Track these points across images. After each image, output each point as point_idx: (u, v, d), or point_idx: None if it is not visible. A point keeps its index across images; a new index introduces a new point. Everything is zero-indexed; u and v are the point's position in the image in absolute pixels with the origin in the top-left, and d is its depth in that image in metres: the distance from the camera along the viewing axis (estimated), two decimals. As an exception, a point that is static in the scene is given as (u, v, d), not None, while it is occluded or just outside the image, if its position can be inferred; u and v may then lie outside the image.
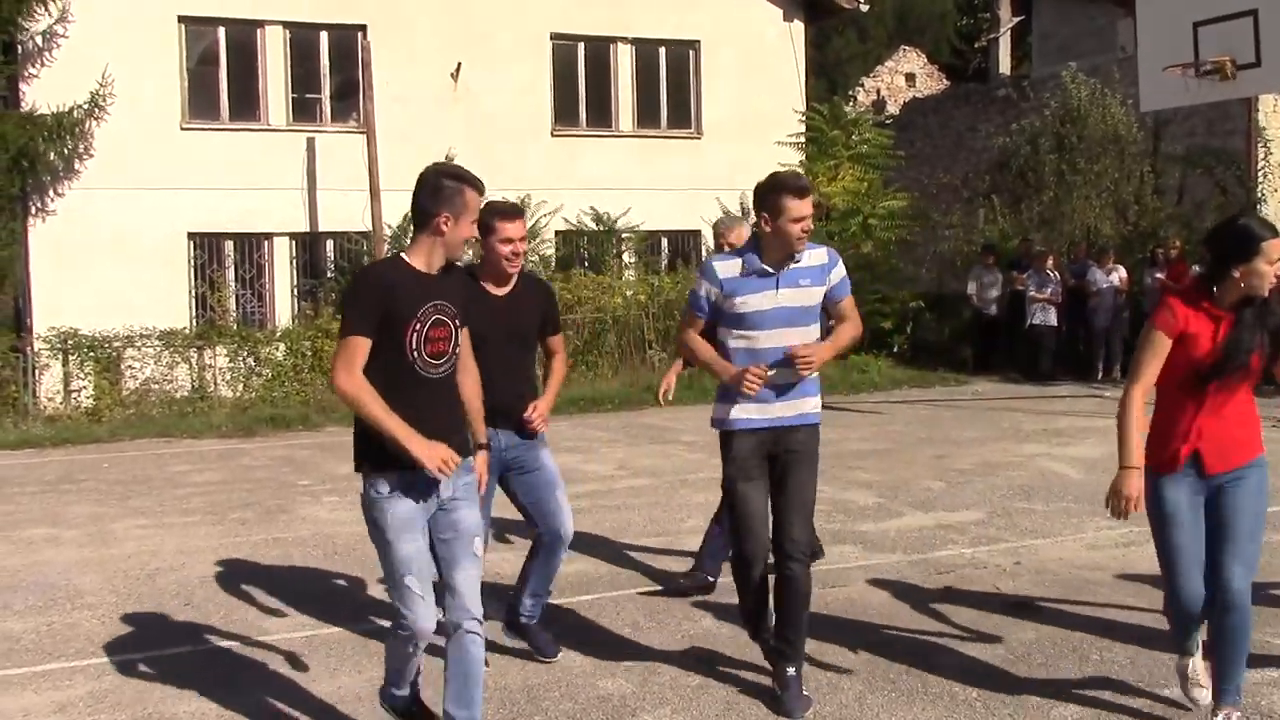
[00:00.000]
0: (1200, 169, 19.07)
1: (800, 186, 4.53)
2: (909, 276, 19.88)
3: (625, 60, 19.00)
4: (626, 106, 19.04)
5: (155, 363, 15.01)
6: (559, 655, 5.20)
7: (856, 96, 32.91)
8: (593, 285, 16.97)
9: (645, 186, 18.22)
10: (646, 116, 19.16)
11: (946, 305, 19.33)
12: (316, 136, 17.12)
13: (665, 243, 18.96)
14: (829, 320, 4.84)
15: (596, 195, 18.10)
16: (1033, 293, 16.86)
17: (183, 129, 16.57)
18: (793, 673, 4.66)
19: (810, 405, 4.65)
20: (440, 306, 3.89)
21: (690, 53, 19.25)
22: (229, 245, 17.02)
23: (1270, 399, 9.22)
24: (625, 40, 18.90)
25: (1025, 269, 17.25)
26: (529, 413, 4.97)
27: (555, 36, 18.39)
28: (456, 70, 17.61)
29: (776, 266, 4.53)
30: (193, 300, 16.63)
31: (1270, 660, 4.99)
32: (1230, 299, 4.08)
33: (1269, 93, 16.60)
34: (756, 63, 19.23)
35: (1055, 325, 16.89)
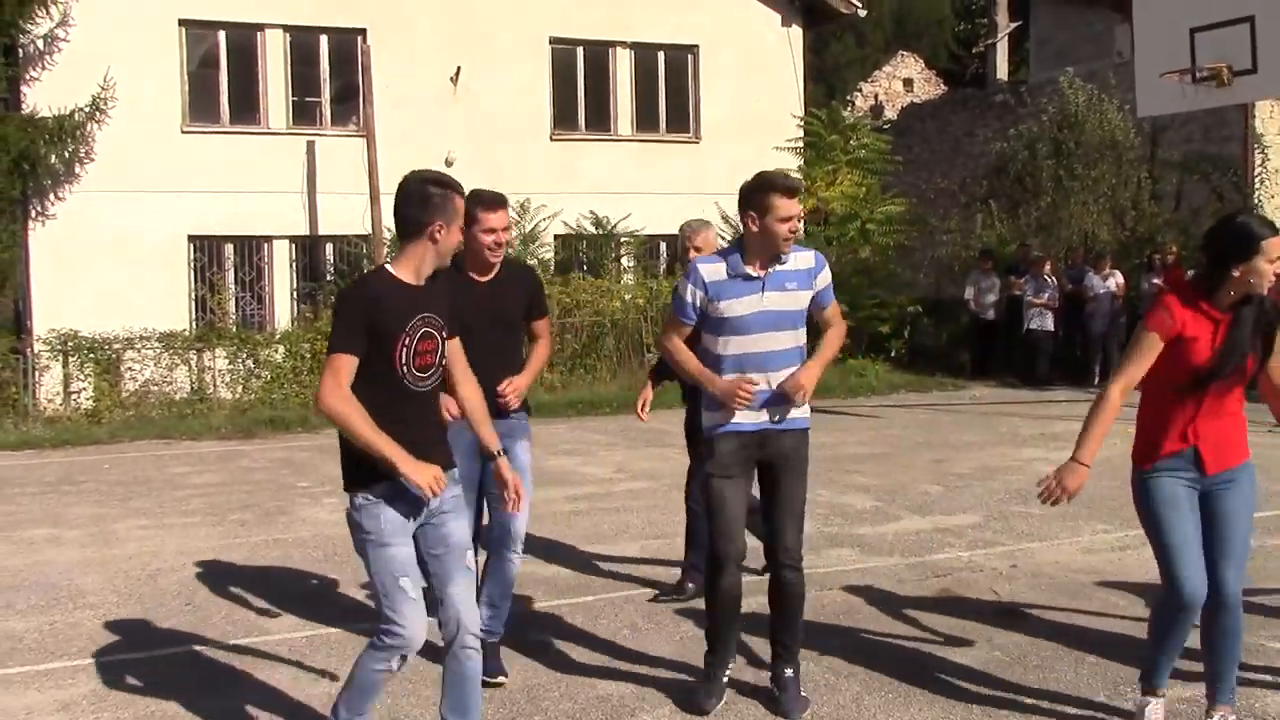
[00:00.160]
0: (1197, 175, 19.13)
1: (789, 185, 4.45)
2: (907, 281, 19.93)
3: (624, 64, 19.06)
4: (625, 110, 19.10)
5: (155, 365, 15.06)
6: (503, 679, 4.94)
7: (854, 101, 33.00)
8: (591, 289, 17.03)
9: (644, 190, 18.27)
10: (645, 120, 19.22)
11: (944, 310, 19.38)
12: (316, 140, 17.17)
13: (664, 247, 19.01)
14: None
15: (595, 199, 18.15)
16: (1030, 298, 16.91)
17: (183, 132, 16.63)
18: (790, 674, 4.69)
19: (800, 410, 4.59)
20: (428, 319, 3.84)
21: (689, 57, 19.31)
22: (229, 248, 17.07)
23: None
24: (624, 44, 18.96)
25: (1023, 274, 17.31)
26: (502, 386, 4.81)
27: (554, 40, 18.45)
28: (456, 74, 17.66)
29: (762, 269, 4.46)
30: (192, 302, 16.68)
31: (1265, 665, 5.04)
32: (1229, 299, 4.06)
33: (1265, 99, 16.67)
34: (755, 67, 19.29)
35: (1052, 330, 16.95)
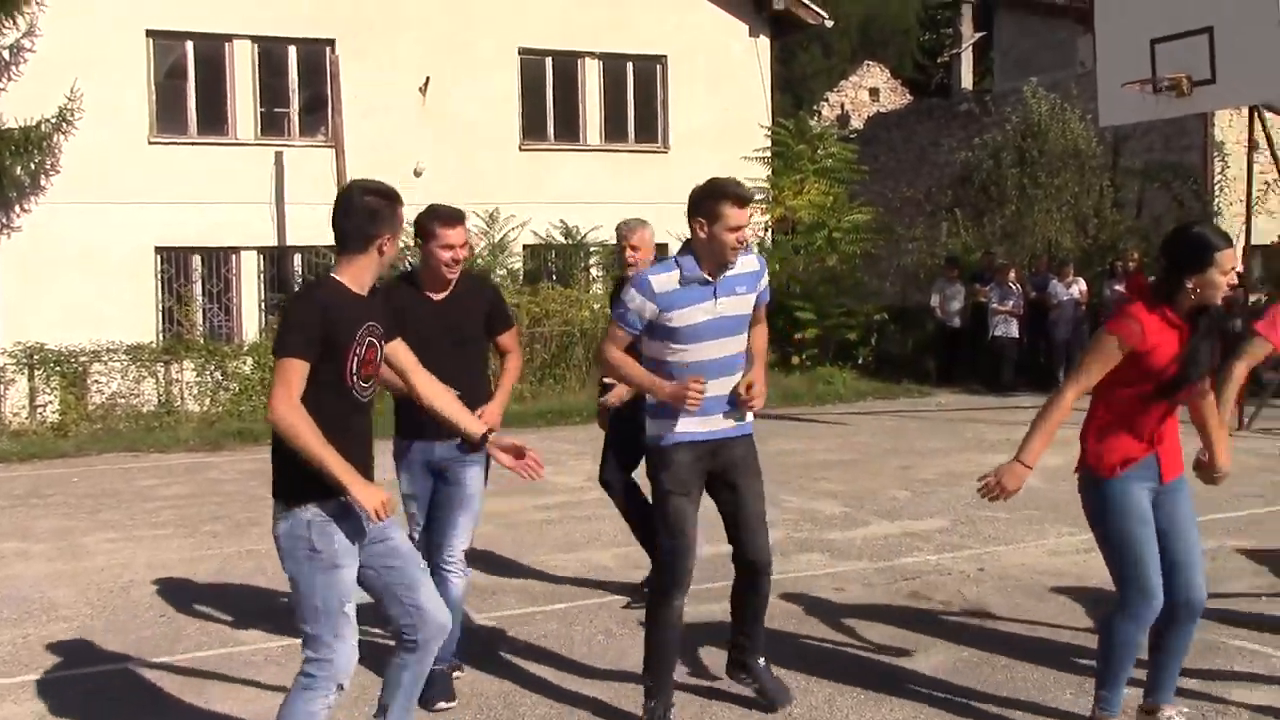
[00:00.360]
0: (1158, 183, 19.42)
1: (740, 195, 4.38)
2: (873, 289, 20.10)
3: (593, 75, 19.16)
4: (594, 120, 19.19)
5: (122, 377, 14.96)
6: (446, 704, 4.80)
7: (821, 111, 33.25)
8: (560, 299, 17.07)
9: (613, 200, 18.28)
10: (614, 131, 19.31)
11: (910, 318, 19.54)
12: (285, 150, 17.15)
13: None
14: None
15: (564, 209, 18.21)
16: (995, 305, 17.10)
17: (150, 143, 16.58)
18: (763, 662, 4.75)
19: (746, 415, 4.55)
20: (372, 328, 3.78)
21: (657, 67, 19.42)
22: (196, 259, 17.01)
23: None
24: (593, 55, 19.05)
25: (987, 282, 17.50)
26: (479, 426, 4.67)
27: (523, 51, 18.51)
28: (425, 84, 17.69)
29: (713, 275, 4.40)
30: (160, 314, 16.60)
31: (1225, 661, 5.15)
32: (1185, 308, 4.08)
33: (1224, 108, 16.94)
34: (723, 77, 19.42)
35: (1017, 337, 17.14)
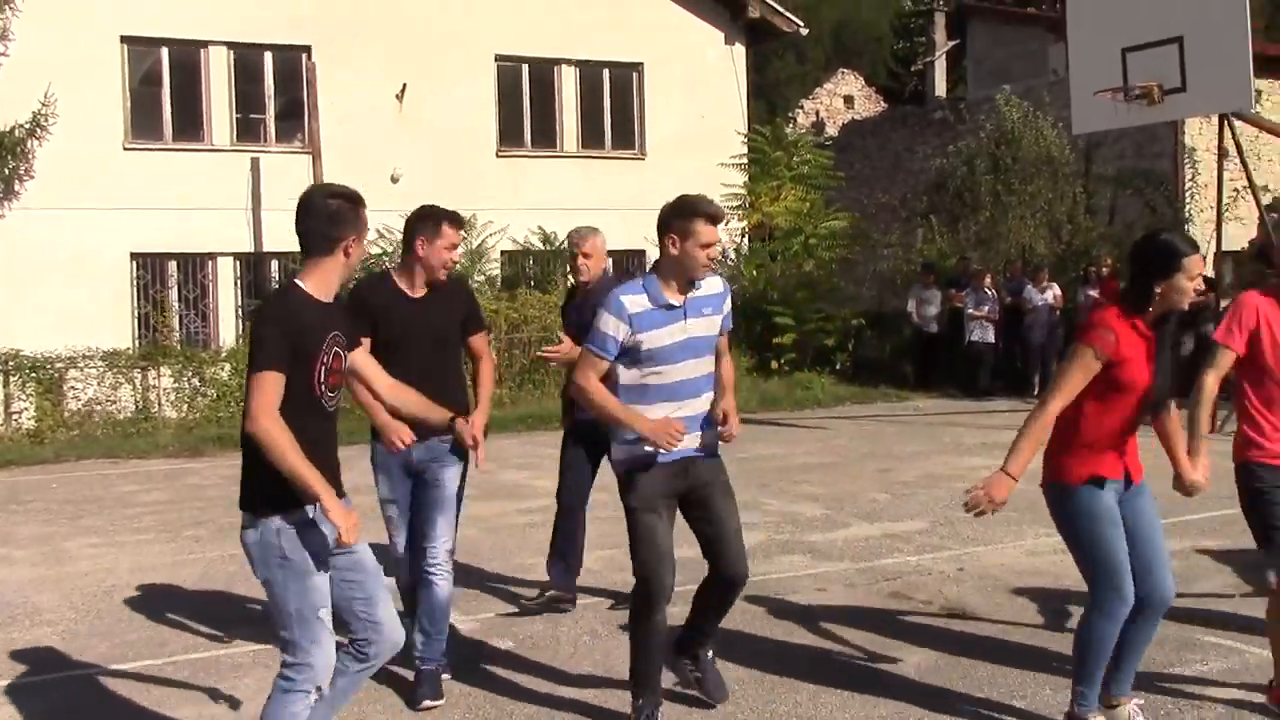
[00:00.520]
0: (1130, 189, 19.63)
1: (713, 213, 4.37)
2: (850, 295, 20.21)
3: (570, 81, 19.22)
4: (571, 127, 19.25)
5: (98, 384, 14.89)
6: (432, 702, 4.85)
7: (796, 118, 33.40)
8: (539, 304, 17.10)
9: (590, 207, 18.31)
10: (591, 137, 19.38)
11: (887, 323, 19.67)
12: (261, 156, 17.13)
13: (609, 262, 19.09)
14: None
15: (541, 215, 18.25)
16: (971, 310, 17.24)
17: (125, 149, 16.53)
18: (712, 654, 4.81)
19: (711, 436, 4.56)
20: (336, 337, 3.78)
21: (634, 74, 19.51)
22: (172, 265, 16.96)
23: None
24: (569, 62, 19.11)
25: (963, 287, 17.64)
26: (463, 430, 4.64)
27: (500, 58, 18.56)
28: (402, 91, 17.71)
29: (680, 295, 4.40)
30: (136, 321, 16.54)
31: (1201, 656, 5.25)
32: (1152, 316, 4.16)
33: (1195, 115, 17.15)
34: (699, 85, 19.53)
35: (993, 342, 17.28)
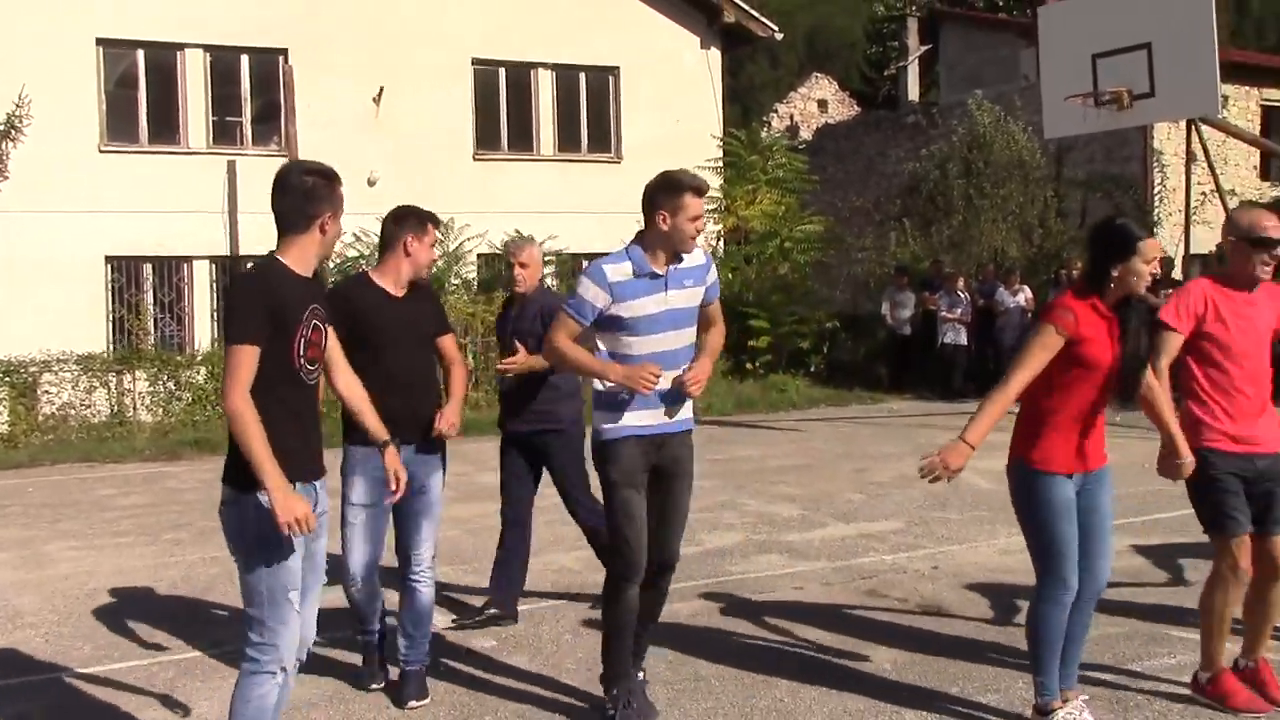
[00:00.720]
0: (1100, 193, 19.86)
1: (698, 185, 4.46)
2: (824, 298, 20.36)
3: (546, 85, 19.29)
4: (548, 131, 19.32)
5: (73, 387, 14.85)
6: (417, 701, 4.92)
7: (770, 122, 33.55)
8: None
9: (567, 210, 18.45)
10: (567, 141, 19.46)
11: (861, 326, 19.83)
12: (237, 159, 17.11)
13: (586, 265, 19.17)
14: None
15: (518, 219, 18.24)
16: (944, 313, 17.40)
17: (101, 151, 16.50)
18: (643, 676, 4.80)
19: (687, 410, 4.61)
20: (316, 310, 3.80)
21: (610, 78, 19.60)
22: (148, 268, 16.93)
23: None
24: (546, 66, 19.19)
25: (936, 290, 17.80)
26: (439, 423, 4.85)
27: (477, 61, 18.61)
28: (379, 95, 17.73)
29: (664, 268, 4.49)
30: (110, 324, 16.50)
31: (1168, 650, 5.38)
32: (1113, 298, 4.29)
33: (1163, 120, 17.39)
34: (675, 89, 19.63)
35: (966, 344, 17.45)
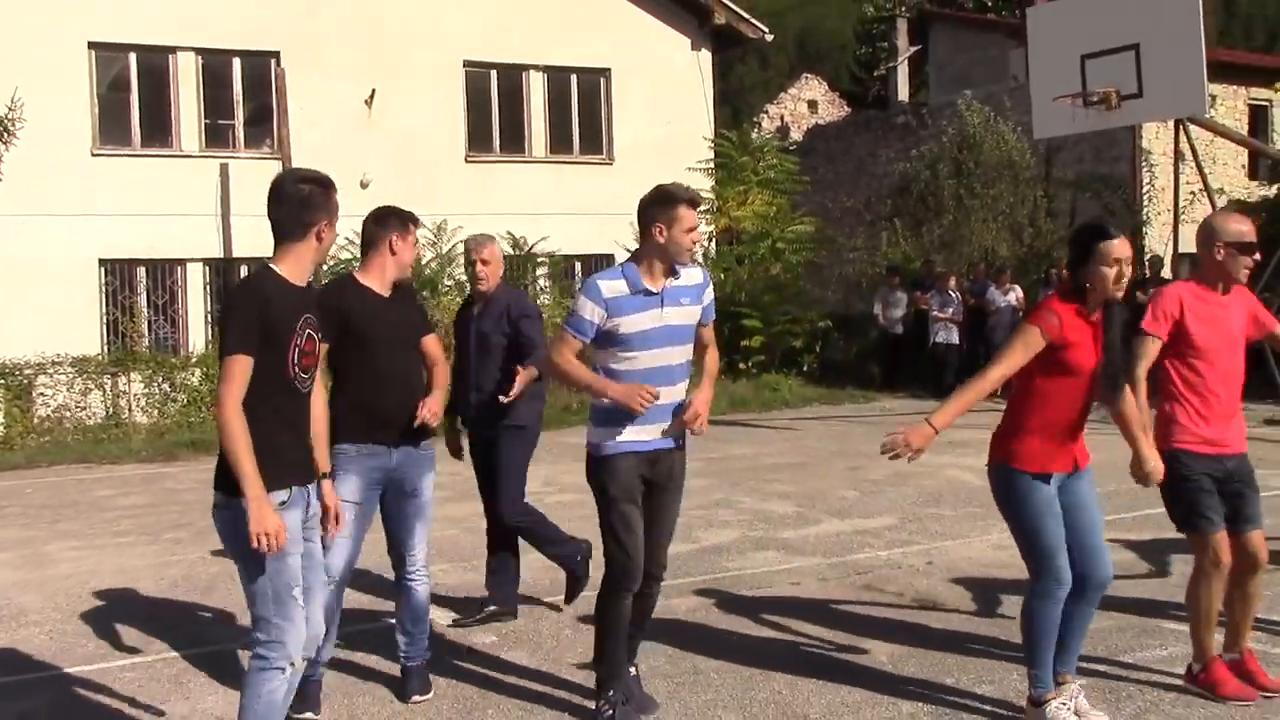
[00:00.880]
0: (1089, 193, 20.02)
1: (692, 197, 4.52)
2: (816, 298, 20.47)
3: (538, 87, 19.36)
4: (540, 132, 19.39)
5: (68, 389, 14.89)
6: (421, 696, 4.98)
7: (761, 123, 33.66)
8: (509, 308, 17.19)
9: (558, 211, 18.54)
10: (559, 143, 19.53)
11: (853, 325, 19.93)
12: (230, 162, 17.15)
13: (579, 266, 19.29)
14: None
15: (511, 220, 18.35)
16: (935, 312, 17.50)
17: (94, 155, 16.52)
18: (634, 671, 4.83)
19: (679, 425, 4.60)
20: (309, 320, 3.86)
21: (601, 80, 19.67)
22: (141, 271, 16.96)
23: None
24: (538, 68, 19.25)
25: (928, 289, 17.91)
26: (422, 411, 4.84)
27: (469, 63, 18.67)
28: (370, 97, 17.78)
29: (658, 284, 4.49)
30: (105, 327, 16.53)
31: (1160, 641, 5.46)
32: (1093, 303, 4.35)
33: (1151, 120, 17.51)
34: (666, 90, 19.71)
35: (957, 343, 17.55)
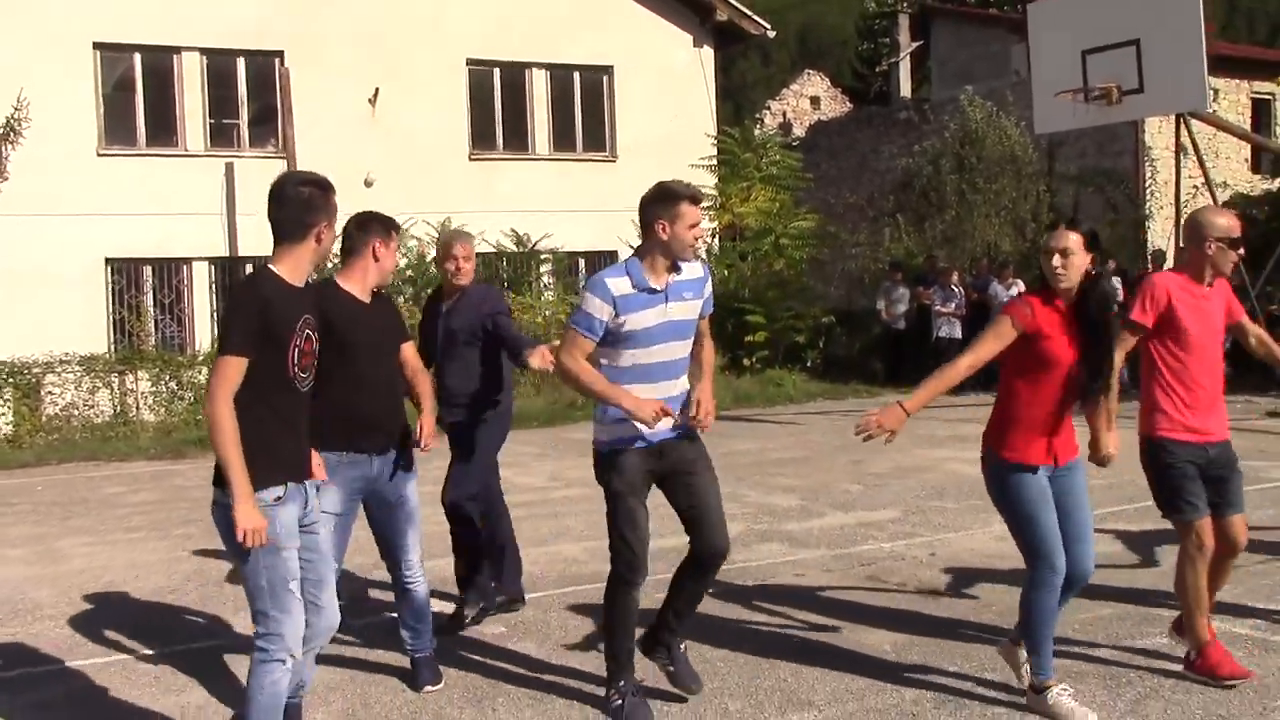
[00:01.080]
0: (1092, 187, 20.06)
1: (693, 194, 4.54)
2: (819, 294, 20.53)
3: (541, 85, 19.43)
4: (543, 130, 19.46)
5: (76, 388, 14.98)
6: (432, 686, 5.06)
7: (763, 119, 33.71)
8: (514, 305, 17.28)
9: (562, 209, 18.62)
10: (562, 140, 19.60)
11: (856, 320, 19.99)
12: (235, 161, 17.24)
13: (582, 263, 19.36)
14: None
15: (514, 217, 18.45)
16: (938, 307, 17.57)
17: (99, 155, 16.62)
18: (684, 648, 4.85)
19: (684, 417, 4.60)
20: (308, 320, 3.94)
21: (604, 78, 19.73)
22: (148, 270, 17.05)
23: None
24: (540, 66, 19.32)
25: (931, 284, 17.96)
26: (421, 440, 4.93)
27: (471, 62, 18.75)
28: (374, 96, 17.86)
29: (661, 281, 4.52)
30: (111, 325, 16.62)
31: (1159, 630, 5.54)
32: (1064, 295, 4.46)
33: (1151, 115, 17.57)
34: (668, 87, 19.78)
35: (960, 338, 17.57)
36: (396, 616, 5.20)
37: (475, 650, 5.58)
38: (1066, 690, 4.53)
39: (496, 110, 19.21)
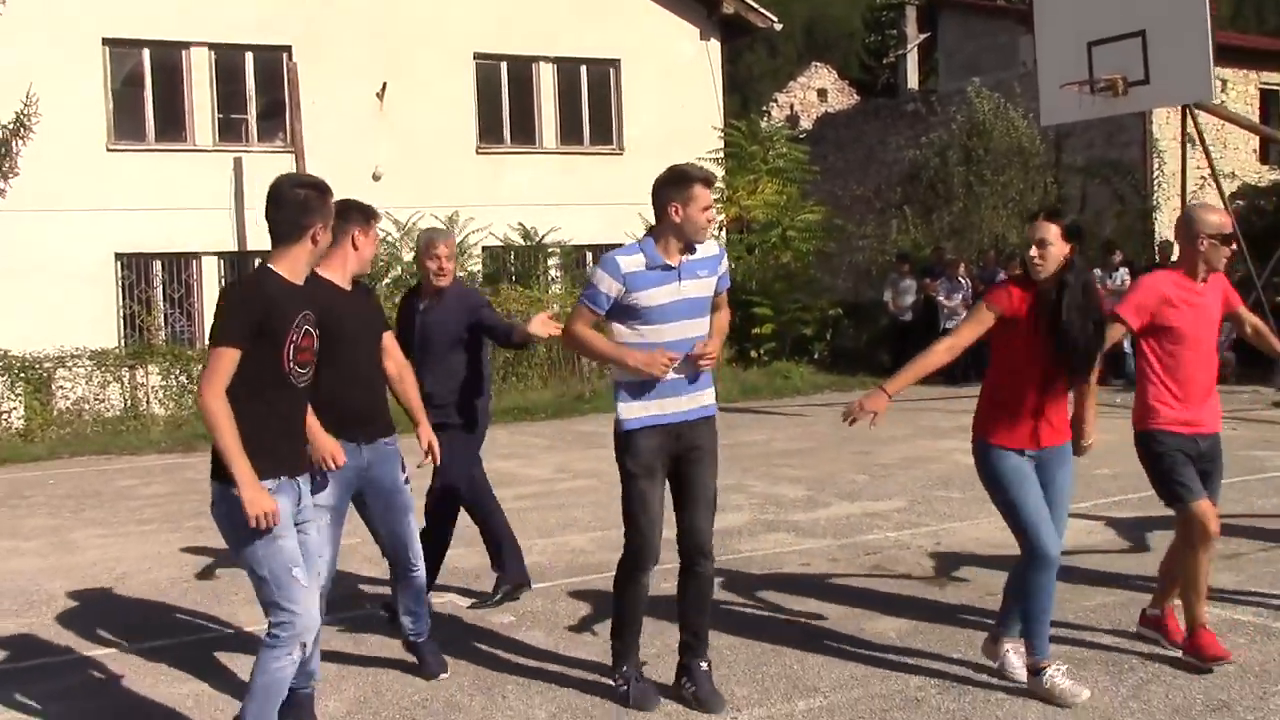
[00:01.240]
0: (1099, 179, 20.04)
1: (706, 176, 4.59)
2: (827, 286, 20.56)
3: (548, 78, 19.47)
4: (550, 124, 19.49)
5: (87, 382, 15.08)
6: (443, 673, 5.12)
7: (770, 112, 33.72)
8: (521, 299, 17.36)
9: (569, 202, 18.66)
10: (569, 134, 19.64)
11: (863, 312, 20.02)
12: (243, 156, 17.30)
13: (590, 256, 19.41)
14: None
15: (521, 211, 18.50)
16: (944, 299, 17.59)
17: (109, 150, 16.70)
18: (705, 667, 4.71)
19: (709, 397, 4.68)
20: (307, 316, 4.00)
21: (611, 71, 19.77)
22: (157, 265, 17.14)
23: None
24: (547, 59, 19.36)
25: (938, 276, 17.98)
26: (424, 452, 5.02)
27: (479, 56, 18.79)
28: (382, 90, 17.91)
29: (677, 260, 4.57)
30: (121, 320, 16.72)
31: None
32: (1045, 284, 4.52)
33: (1158, 106, 17.57)
34: (675, 80, 19.80)
35: (967, 330, 17.62)
36: (390, 606, 5.24)
37: (484, 639, 5.65)
38: (1061, 668, 4.60)
39: (504, 104, 19.25)
